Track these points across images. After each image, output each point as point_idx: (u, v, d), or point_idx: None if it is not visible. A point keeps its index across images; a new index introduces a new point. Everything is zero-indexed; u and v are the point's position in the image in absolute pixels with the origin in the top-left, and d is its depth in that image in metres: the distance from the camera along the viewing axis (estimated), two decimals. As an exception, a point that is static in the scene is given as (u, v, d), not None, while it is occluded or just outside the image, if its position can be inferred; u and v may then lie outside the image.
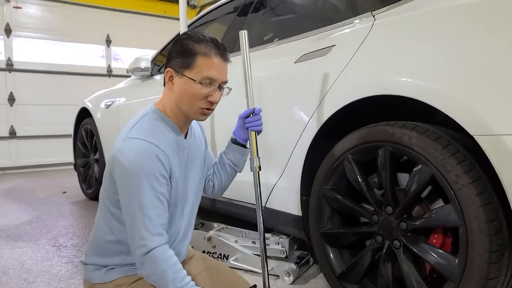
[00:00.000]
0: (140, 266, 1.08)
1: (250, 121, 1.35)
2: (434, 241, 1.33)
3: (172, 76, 1.16)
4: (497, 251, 1.14)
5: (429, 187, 1.34)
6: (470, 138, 1.15)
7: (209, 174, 1.42)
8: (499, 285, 1.17)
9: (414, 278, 1.32)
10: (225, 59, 1.16)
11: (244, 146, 1.41)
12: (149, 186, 1.06)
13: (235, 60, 1.52)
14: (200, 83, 1.12)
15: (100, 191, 1.20)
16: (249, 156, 1.41)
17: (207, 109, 1.17)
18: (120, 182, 1.08)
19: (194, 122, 1.33)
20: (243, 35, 1.41)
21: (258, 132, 1.38)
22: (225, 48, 1.17)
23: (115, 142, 1.13)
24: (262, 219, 1.41)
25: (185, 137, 1.24)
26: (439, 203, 1.35)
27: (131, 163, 1.05)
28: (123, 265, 1.19)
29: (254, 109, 1.37)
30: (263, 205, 1.50)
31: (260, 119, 1.36)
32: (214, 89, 1.15)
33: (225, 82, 1.19)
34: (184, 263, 1.33)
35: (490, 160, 1.10)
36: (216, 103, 1.18)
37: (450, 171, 1.19)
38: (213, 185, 1.42)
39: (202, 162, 1.34)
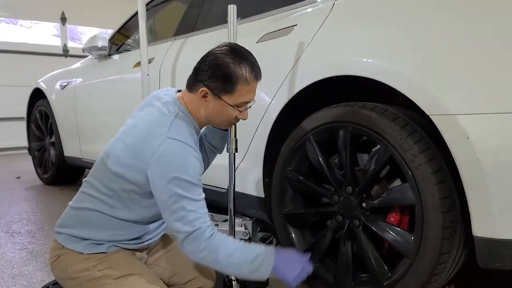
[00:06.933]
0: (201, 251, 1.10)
1: None
2: (392, 219, 1.36)
3: (207, 94, 1.15)
4: (449, 227, 1.18)
5: (388, 167, 1.37)
6: (427, 117, 1.17)
7: None
8: (451, 259, 1.22)
9: (373, 255, 1.35)
10: (259, 79, 1.19)
11: (225, 129, 1.39)
12: (193, 183, 1.10)
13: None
14: (236, 107, 1.17)
15: (97, 170, 1.19)
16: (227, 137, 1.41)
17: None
18: (161, 181, 1.08)
19: None
20: (232, 9, 1.40)
21: None
22: (258, 67, 1.18)
23: (142, 135, 1.13)
24: (233, 201, 1.42)
25: None
26: (397, 182, 1.39)
27: (176, 165, 1.08)
28: (108, 241, 1.18)
29: None
30: (232, 187, 1.51)
31: None
32: (245, 108, 1.21)
33: None
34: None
35: (445, 139, 1.13)
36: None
37: (407, 150, 1.21)
38: None
39: None
